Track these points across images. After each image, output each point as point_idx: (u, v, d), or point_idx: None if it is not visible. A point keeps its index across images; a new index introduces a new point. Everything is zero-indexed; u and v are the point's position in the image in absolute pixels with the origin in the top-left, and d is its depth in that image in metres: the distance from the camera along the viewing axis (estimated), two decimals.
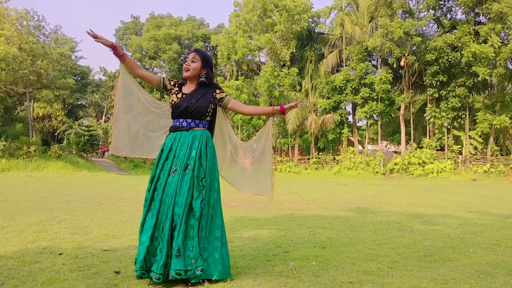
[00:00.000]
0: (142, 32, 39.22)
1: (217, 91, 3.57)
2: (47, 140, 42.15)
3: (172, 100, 3.49)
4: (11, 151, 27.50)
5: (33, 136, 35.84)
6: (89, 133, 40.84)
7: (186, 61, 3.52)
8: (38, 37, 35.60)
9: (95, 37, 3.28)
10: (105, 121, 55.75)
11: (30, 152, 28.37)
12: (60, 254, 4.22)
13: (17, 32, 29.38)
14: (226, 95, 3.59)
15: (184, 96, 3.48)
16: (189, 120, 3.43)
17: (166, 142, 3.45)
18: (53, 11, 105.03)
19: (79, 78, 48.01)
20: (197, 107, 3.43)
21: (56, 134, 43.86)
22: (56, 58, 33.06)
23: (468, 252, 4.62)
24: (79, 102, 55.44)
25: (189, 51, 38.81)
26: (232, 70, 34.71)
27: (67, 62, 37.48)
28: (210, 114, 3.53)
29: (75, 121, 43.74)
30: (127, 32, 40.10)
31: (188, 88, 3.55)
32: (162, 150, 3.43)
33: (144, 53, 37.96)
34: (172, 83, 3.57)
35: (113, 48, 3.33)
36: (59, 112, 44.12)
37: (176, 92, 3.52)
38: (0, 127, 36.91)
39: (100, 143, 38.34)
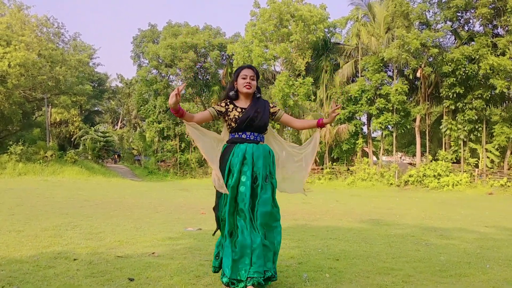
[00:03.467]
0: (159, 40, 39.56)
1: (271, 105, 3.69)
2: (63, 145, 42.66)
3: (234, 115, 3.51)
4: (28, 155, 27.90)
5: (50, 141, 36.31)
6: (104, 139, 41.26)
7: (244, 78, 3.55)
8: (58, 44, 36.23)
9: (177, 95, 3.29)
10: (120, 127, 56.33)
11: (46, 156, 28.75)
12: (75, 259, 4.25)
13: (37, 38, 29.92)
14: (279, 109, 3.72)
15: (244, 110, 3.54)
16: (255, 134, 3.53)
17: (235, 153, 3.45)
18: (73, 18, 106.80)
19: (96, 85, 48.62)
20: (263, 120, 3.54)
21: (72, 139, 44.39)
22: (75, 65, 33.58)
23: (484, 267, 4.54)
24: (96, 108, 56.13)
25: (204, 60, 39.20)
26: None
27: (85, 69, 38.03)
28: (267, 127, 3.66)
29: (91, 127, 44.24)
30: (145, 40, 40.51)
31: (243, 103, 3.60)
32: (229, 162, 3.45)
33: (160, 61, 38.29)
34: (223, 104, 3.59)
35: (177, 111, 3.39)
36: (76, 117, 44.67)
37: (233, 109, 3.55)
38: (18, 131, 37.48)
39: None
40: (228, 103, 3.58)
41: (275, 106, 3.70)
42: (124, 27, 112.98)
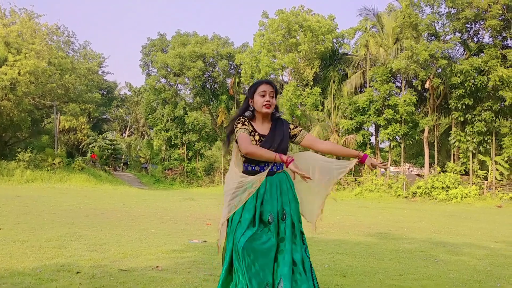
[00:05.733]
0: (168, 49, 39.77)
1: (291, 126, 3.22)
2: (71, 152, 42.85)
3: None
4: (36, 162, 28.04)
5: (58, 148, 36.49)
6: (112, 147, 41.44)
7: (263, 96, 3.08)
8: (67, 52, 36.59)
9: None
10: (128, 135, 56.53)
11: (54, 164, 28.88)
12: (78, 272, 4.20)
13: (47, 46, 30.20)
14: (300, 130, 3.23)
15: (263, 138, 3.07)
16: (271, 165, 3.03)
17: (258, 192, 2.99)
18: (83, 27, 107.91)
19: (105, 93, 48.90)
20: (283, 147, 3.06)
21: (80, 147, 44.58)
22: (84, 73, 33.85)
23: (495, 286, 4.43)
24: (104, 116, 56.40)
25: (212, 69, 39.35)
26: None
27: (94, 77, 38.30)
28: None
29: (100, 135, 44.44)
30: (153, 49, 40.73)
31: (261, 126, 3.13)
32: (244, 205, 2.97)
33: (169, 69, 38.46)
34: (246, 123, 3.07)
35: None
36: (84, 125, 44.89)
37: (252, 133, 3.07)
38: (26, 138, 37.74)
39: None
40: (247, 123, 3.07)
41: (296, 126, 3.25)
42: (134, 36, 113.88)
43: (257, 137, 3.05)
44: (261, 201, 2.98)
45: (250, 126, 3.07)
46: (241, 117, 3.09)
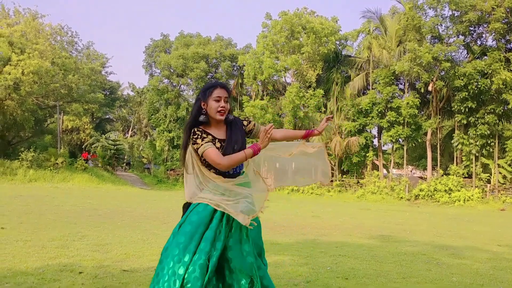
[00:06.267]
0: (171, 50, 39.84)
1: (244, 122, 3.10)
2: (74, 152, 42.92)
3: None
4: (39, 162, 28.09)
5: (61, 148, 36.56)
6: (115, 147, 41.44)
7: (217, 100, 2.90)
8: (71, 52, 36.68)
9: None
10: (131, 136, 56.62)
11: (57, 163, 28.93)
12: (80, 272, 4.21)
13: (50, 47, 30.28)
14: (254, 124, 3.11)
15: (223, 143, 2.91)
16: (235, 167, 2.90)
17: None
18: (86, 27, 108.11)
19: (108, 93, 49.00)
20: (241, 147, 2.92)
21: (83, 146, 44.65)
22: (87, 73, 33.92)
23: None
24: (107, 116, 56.51)
25: (215, 71, 39.41)
26: (258, 90, 34.87)
27: (97, 77, 38.39)
28: None
29: (102, 135, 44.49)
30: (157, 50, 40.81)
31: (217, 131, 2.95)
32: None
33: (172, 70, 38.53)
34: (205, 135, 2.87)
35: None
36: (87, 125, 44.99)
37: (213, 141, 2.88)
38: (30, 138, 37.81)
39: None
40: (205, 133, 2.88)
41: (249, 122, 3.11)
42: (137, 36, 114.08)
43: (217, 144, 2.88)
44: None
45: (208, 135, 2.87)
46: (196, 129, 2.88)
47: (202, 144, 2.81)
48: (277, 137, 3.18)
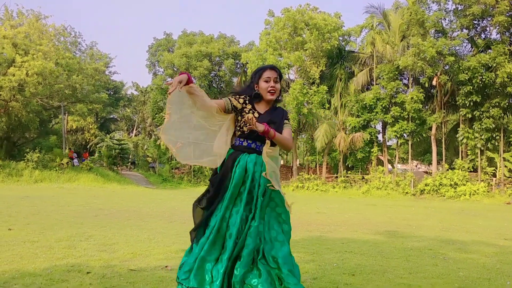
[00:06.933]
0: (174, 49, 39.89)
1: (285, 119, 3.25)
2: (79, 152, 43.09)
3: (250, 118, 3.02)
4: (45, 162, 28.22)
5: (66, 148, 36.70)
6: (120, 147, 41.57)
7: (267, 81, 3.16)
8: (75, 53, 36.79)
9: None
10: (135, 135, 56.76)
11: (62, 164, 29.05)
12: (88, 272, 4.24)
13: (54, 47, 30.36)
14: (286, 124, 3.24)
15: (260, 116, 3.15)
16: (258, 143, 3.12)
17: (240, 163, 3.07)
18: (90, 27, 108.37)
19: (112, 93, 49.14)
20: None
21: (88, 146, 44.83)
22: (91, 73, 33.97)
23: (505, 284, 4.41)
24: (111, 116, 56.69)
25: (218, 68, 39.38)
26: None
27: (101, 77, 38.45)
28: None
29: (107, 135, 44.63)
30: (160, 49, 40.89)
31: (262, 107, 3.21)
32: (233, 171, 3.07)
33: (175, 69, 38.58)
34: (241, 100, 3.15)
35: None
36: (91, 125, 45.17)
37: (250, 111, 3.15)
38: (35, 139, 37.99)
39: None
40: (248, 101, 3.17)
41: (288, 121, 3.28)
42: (140, 36, 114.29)
43: (256, 115, 3.12)
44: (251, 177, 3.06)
45: (248, 104, 3.15)
46: (244, 95, 3.18)
47: (227, 97, 3.15)
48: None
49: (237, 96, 3.17)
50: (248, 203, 3.05)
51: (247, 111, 3.13)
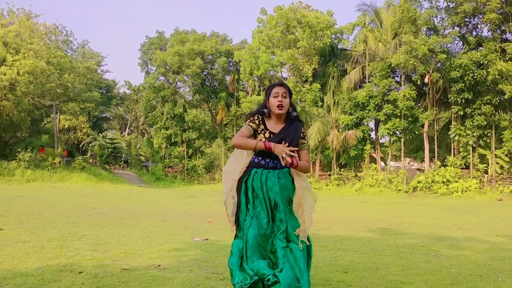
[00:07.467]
0: (167, 47, 39.67)
1: (302, 134, 3.37)
2: (71, 151, 42.88)
3: (260, 140, 3.25)
4: (37, 162, 28.04)
5: (58, 148, 36.50)
6: (112, 146, 41.44)
7: (276, 96, 3.29)
8: (66, 52, 36.57)
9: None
10: (128, 134, 56.56)
11: (55, 163, 28.89)
12: (80, 272, 4.21)
13: (45, 46, 30.14)
14: (304, 144, 3.38)
15: (271, 135, 3.27)
16: (276, 161, 3.22)
17: (254, 180, 3.23)
18: (81, 26, 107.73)
19: (104, 92, 48.85)
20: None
21: (80, 146, 44.61)
22: (83, 72, 33.77)
23: (496, 280, 4.44)
24: (104, 115, 56.42)
25: (211, 67, 39.29)
26: (254, 85, 34.82)
27: (93, 76, 38.24)
28: None
29: (100, 134, 44.42)
30: (152, 47, 40.63)
31: (275, 125, 3.32)
32: (246, 187, 3.25)
33: (168, 67, 38.41)
34: (256, 122, 3.29)
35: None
36: (84, 124, 44.92)
37: (263, 131, 3.29)
38: (26, 138, 37.76)
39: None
40: (261, 122, 3.30)
41: (305, 137, 3.39)
42: (132, 34, 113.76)
43: (267, 135, 3.27)
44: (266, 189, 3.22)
45: (261, 124, 3.29)
46: (256, 115, 3.33)
47: (245, 124, 3.31)
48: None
49: (253, 118, 3.32)
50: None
51: (260, 131, 3.28)
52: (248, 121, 3.30)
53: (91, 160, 34.55)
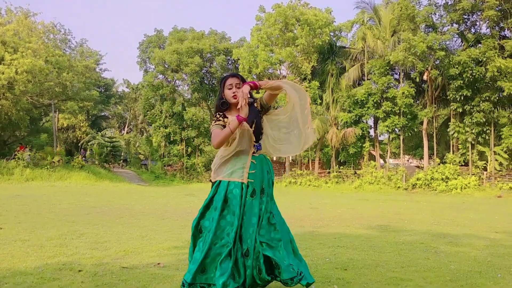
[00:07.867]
0: (165, 46, 39.63)
1: (256, 104, 3.52)
2: (70, 150, 42.87)
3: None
4: (36, 161, 28.02)
5: (57, 147, 36.48)
6: (111, 144, 41.40)
7: (230, 88, 3.41)
8: (64, 50, 36.55)
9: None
10: (127, 132, 56.53)
11: (54, 162, 28.86)
12: (80, 271, 4.21)
13: (44, 45, 30.12)
14: (260, 98, 3.57)
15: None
16: (256, 144, 3.47)
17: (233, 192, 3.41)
18: (79, 24, 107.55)
19: (103, 90, 48.85)
20: (258, 128, 3.45)
21: (79, 144, 44.59)
22: (81, 71, 33.76)
23: (496, 277, 4.44)
24: (103, 114, 56.39)
25: (210, 65, 39.24)
26: None
27: (91, 75, 38.25)
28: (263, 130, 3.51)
29: (98, 132, 44.39)
30: (151, 46, 40.58)
31: (235, 114, 3.39)
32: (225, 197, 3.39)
33: (166, 66, 38.37)
34: (221, 119, 3.40)
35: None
36: (83, 123, 44.91)
37: (229, 124, 3.36)
38: (25, 137, 37.73)
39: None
40: (224, 117, 3.39)
41: (255, 100, 3.53)
42: (131, 32, 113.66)
43: None
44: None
45: (225, 118, 3.37)
46: (217, 114, 3.42)
47: (212, 126, 3.36)
48: (266, 98, 3.57)
49: (216, 118, 3.40)
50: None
51: (227, 126, 3.32)
52: (214, 123, 3.37)
53: (80, 157, 34.43)
